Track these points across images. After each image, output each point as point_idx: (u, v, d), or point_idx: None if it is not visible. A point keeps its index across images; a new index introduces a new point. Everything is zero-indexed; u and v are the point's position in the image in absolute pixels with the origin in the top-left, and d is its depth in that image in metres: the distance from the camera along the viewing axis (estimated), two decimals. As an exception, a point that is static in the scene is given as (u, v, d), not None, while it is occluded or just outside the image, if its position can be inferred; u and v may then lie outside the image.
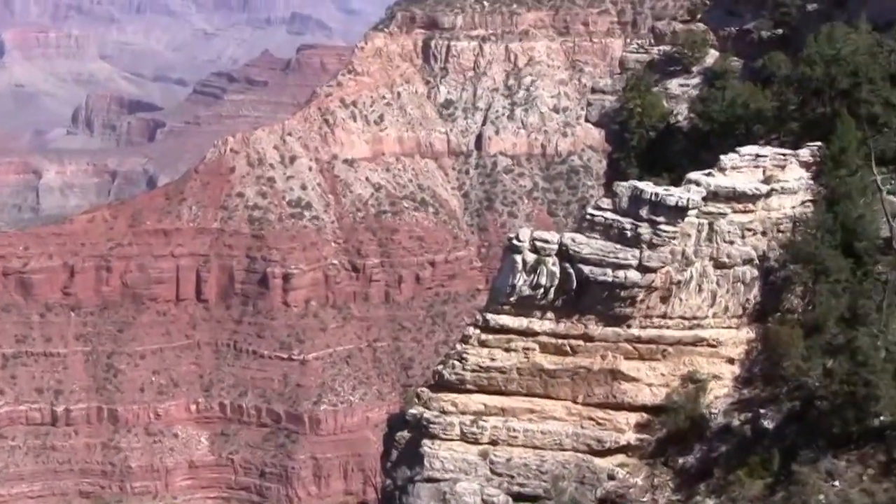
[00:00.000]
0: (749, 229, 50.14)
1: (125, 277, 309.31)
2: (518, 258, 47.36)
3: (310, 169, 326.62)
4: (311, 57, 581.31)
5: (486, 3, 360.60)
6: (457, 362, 47.72)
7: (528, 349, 47.84)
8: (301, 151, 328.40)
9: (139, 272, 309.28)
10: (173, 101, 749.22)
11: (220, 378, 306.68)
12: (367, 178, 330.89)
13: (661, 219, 47.20)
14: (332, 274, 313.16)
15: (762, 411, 47.25)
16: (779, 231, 50.96)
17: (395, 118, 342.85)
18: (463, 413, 47.68)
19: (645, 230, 47.14)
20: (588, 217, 48.68)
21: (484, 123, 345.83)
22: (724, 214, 49.51)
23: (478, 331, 47.97)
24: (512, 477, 47.62)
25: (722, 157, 52.64)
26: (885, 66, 57.89)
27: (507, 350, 47.74)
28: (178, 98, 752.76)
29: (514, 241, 47.81)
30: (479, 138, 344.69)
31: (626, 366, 48.53)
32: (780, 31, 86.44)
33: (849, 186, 51.09)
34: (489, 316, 47.89)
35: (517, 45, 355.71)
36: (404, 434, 49.56)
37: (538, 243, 47.40)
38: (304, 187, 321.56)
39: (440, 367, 48.77)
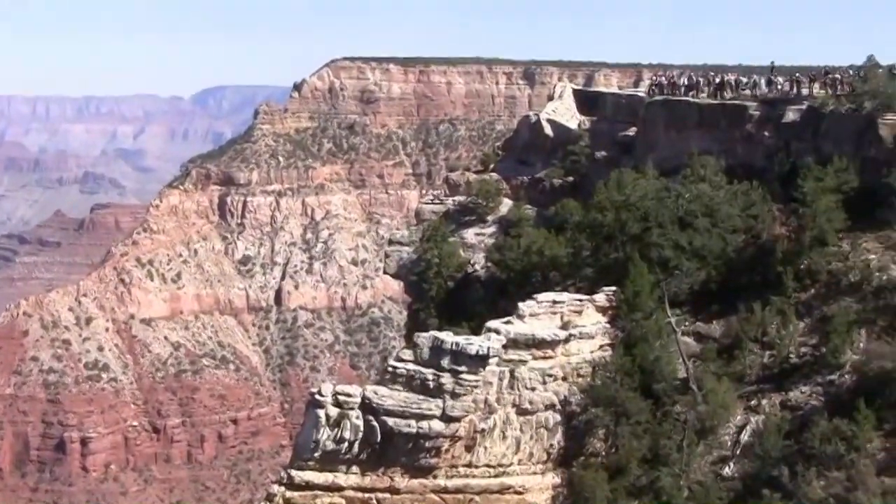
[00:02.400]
0: (550, 375, 50.47)
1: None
2: (321, 413, 46.70)
3: (106, 330, 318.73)
4: (105, 216, 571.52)
5: (281, 158, 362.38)
6: (261, 523, 46.42)
7: (334, 505, 46.88)
8: (97, 312, 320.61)
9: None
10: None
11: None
12: (165, 338, 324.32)
13: (462, 368, 47.21)
14: (131, 436, 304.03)
15: (571, 558, 46.95)
16: (579, 376, 51.42)
17: (192, 275, 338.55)
18: (269, 575, 46.27)
19: (447, 380, 47.04)
20: (390, 369, 48.41)
21: (283, 278, 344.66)
22: (524, 361, 49.76)
23: (282, 488, 47.00)
24: None
25: (520, 304, 53.10)
26: (673, 209, 59.67)
27: (313, 508, 46.67)
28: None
29: (317, 396, 47.19)
30: (278, 293, 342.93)
31: (433, 518, 47.85)
32: (570, 178, 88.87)
33: (644, 329, 52.04)
34: (294, 472, 47.00)
35: (314, 199, 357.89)
36: None
37: (341, 397, 46.90)
38: (100, 349, 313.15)
39: (244, 529, 47.28)
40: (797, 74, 79.26)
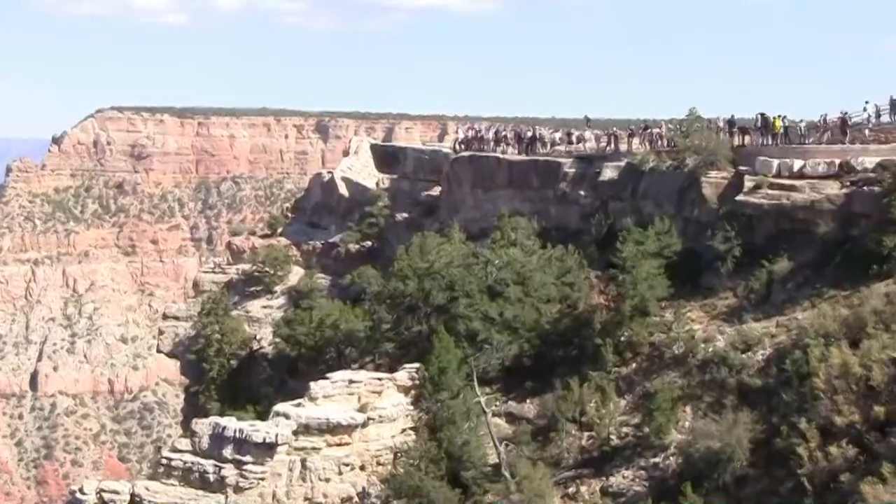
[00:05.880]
0: (346, 464, 50.40)
1: None
2: (82, 514, 45.70)
3: None
4: None
5: (37, 222, 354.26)
6: None
7: None
8: None
9: None
10: None
11: None
12: None
13: (247, 458, 46.88)
14: None
15: None
16: (379, 464, 51.46)
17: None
18: None
19: (229, 472, 46.59)
20: (164, 461, 47.80)
21: (39, 359, 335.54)
22: (317, 449, 49.63)
23: None
24: None
25: (312, 384, 52.99)
26: (482, 277, 60.43)
27: None
28: None
29: (78, 494, 46.37)
30: (34, 376, 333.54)
31: None
32: (368, 243, 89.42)
33: (451, 410, 52.36)
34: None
35: (76, 268, 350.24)
36: None
37: (106, 495, 46.10)
38: None
39: None
40: (614, 129, 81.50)
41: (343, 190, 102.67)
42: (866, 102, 64.59)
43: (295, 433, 48.81)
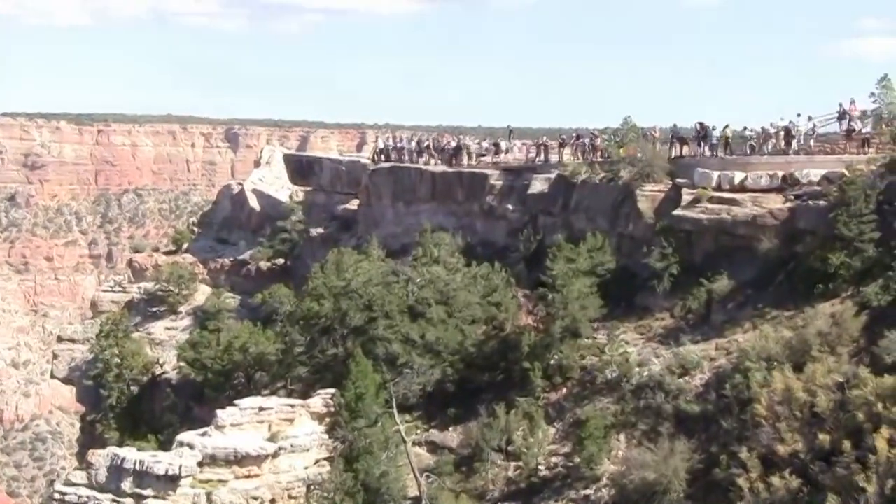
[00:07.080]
0: (255, 497, 50.08)
1: None
2: (-33, 553, 44.99)
3: None
4: None
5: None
6: None
7: None
8: None
9: None
10: None
11: None
12: None
13: (147, 492, 46.46)
14: None
15: None
16: (290, 497, 51.18)
17: None
18: None
19: (129, 507, 46.07)
20: (57, 496, 47.21)
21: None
22: (224, 481, 49.24)
23: None
24: None
25: (219, 412, 52.57)
26: (402, 297, 60.19)
27: None
28: None
29: (-38, 533, 45.51)
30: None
31: None
32: (281, 260, 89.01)
33: (369, 439, 52.15)
34: None
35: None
36: None
37: (-8, 533, 45.31)
38: None
39: None
40: (544, 138, 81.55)
41: (254, 203, 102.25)
42: (798, 115, 64.66)
43: (200, 464, 48.37)
